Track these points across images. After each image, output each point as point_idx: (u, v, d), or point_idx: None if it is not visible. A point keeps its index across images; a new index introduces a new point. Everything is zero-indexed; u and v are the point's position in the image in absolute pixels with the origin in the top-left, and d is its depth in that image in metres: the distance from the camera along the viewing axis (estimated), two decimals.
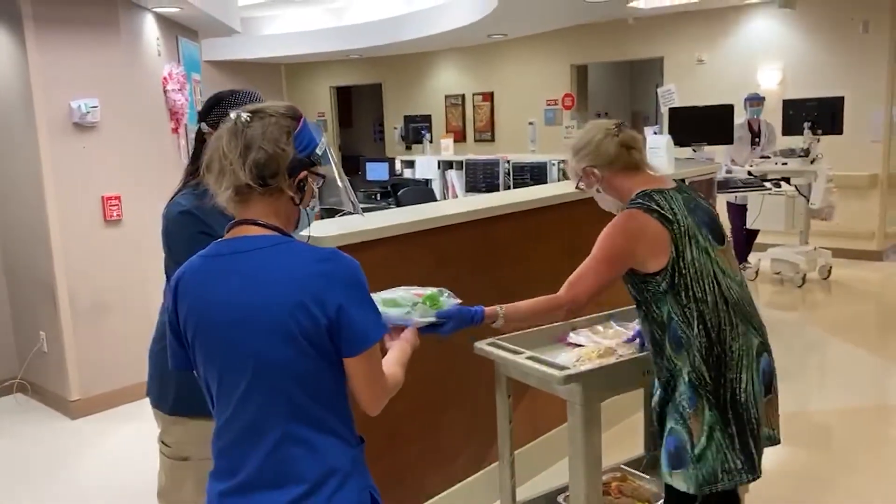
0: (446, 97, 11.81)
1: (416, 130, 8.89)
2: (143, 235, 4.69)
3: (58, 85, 4.32)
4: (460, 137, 11.24)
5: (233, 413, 1.48)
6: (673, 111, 6.59)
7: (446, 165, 7.29)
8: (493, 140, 11.28)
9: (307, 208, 1.56)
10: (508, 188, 6.47)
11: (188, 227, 2.10)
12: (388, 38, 8.82)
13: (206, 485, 2.08)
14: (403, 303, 1.90)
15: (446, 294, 1.97)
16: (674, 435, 2.06)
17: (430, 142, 8.37)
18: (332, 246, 2.46)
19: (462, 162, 7.11)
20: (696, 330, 2.03)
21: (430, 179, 7.52)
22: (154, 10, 5.19)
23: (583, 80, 10.76)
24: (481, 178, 6.86)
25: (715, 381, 2.03)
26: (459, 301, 1.99)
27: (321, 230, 2.55)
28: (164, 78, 5.32)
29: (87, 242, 4.49)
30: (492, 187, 6.71)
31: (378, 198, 7.41)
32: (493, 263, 3.16)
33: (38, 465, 3.90)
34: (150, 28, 5.16)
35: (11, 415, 4.64)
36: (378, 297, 1.81)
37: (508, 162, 6.71)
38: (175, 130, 5.50)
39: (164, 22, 5.48)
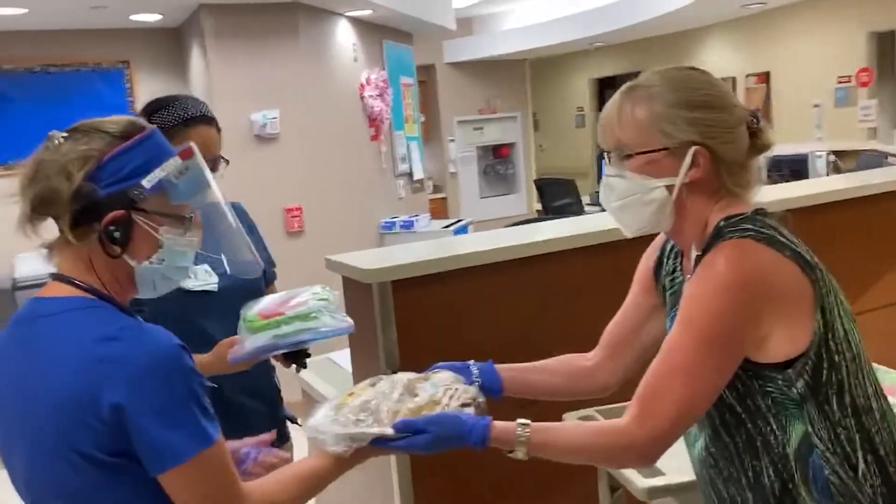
0: None
1: None
2: (326, 246, 4.59)
3: (238, 97, 4.37)
4: None
5: None
6: None
7: None
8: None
9: (146, 262, 1.12)
10: None
11: None
12: (629, 20, 7.96)
13: None
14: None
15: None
16: None
17: None
18: (381, 280, 2.02)
19: None
20: (861, 467, 1.15)
21: None
22: (346, 14, 5.08)
23: (886, 49, 8.84)
24: None
25: None
26: (348, 323, 1.58)
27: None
28: (361, 84, 5.20)
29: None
30: None
31: None
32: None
33: None
34: (344, 33, 5.07)
35: None
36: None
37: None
38: (375, 137, 5.37)
39: (365, 26, 5.37)
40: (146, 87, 4.95)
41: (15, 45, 4.57)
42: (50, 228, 1.12)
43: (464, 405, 1.24)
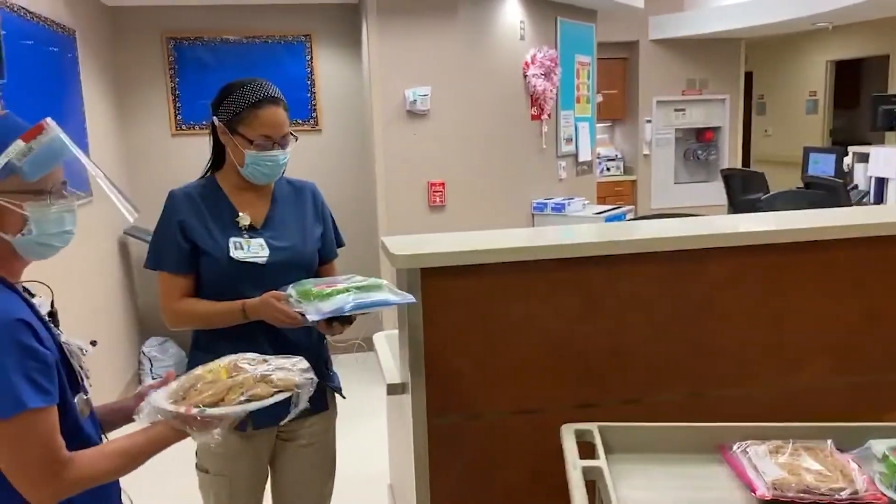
0: None
1: (889, 113, 6.91)
2: (465, 222, 4.69)
3: (394, 73, 4.54)
4: None
5: None
6: None
7: None
8: None
9: (20, 236, 1.27)
10: None
11: (165, 209, 2.01)
12: None
13: (227, 501, 1.96)
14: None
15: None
16: None
17: None
18: (410, 267, 2.06)
19: None
20: None
21: (887, 179, 5.80)
22: None
23: None
24: None
25: None
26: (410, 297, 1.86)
27: (400, 247, 2.13)
28: (526, 62, 5.16)
29: (410, 227, 4.67)
30: None
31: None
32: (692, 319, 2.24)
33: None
34: (513, 11, 5.04)
35: (350, 371, 5.18)
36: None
37: None
38: (537, 116, 5.32)
39: (537, 4, 5.30)
40: (325, 60, 5.32)
41: (215, 18, 5.12)
42: None
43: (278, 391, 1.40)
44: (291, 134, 2.02)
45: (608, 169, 8.58)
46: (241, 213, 2.00)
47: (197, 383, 1.39)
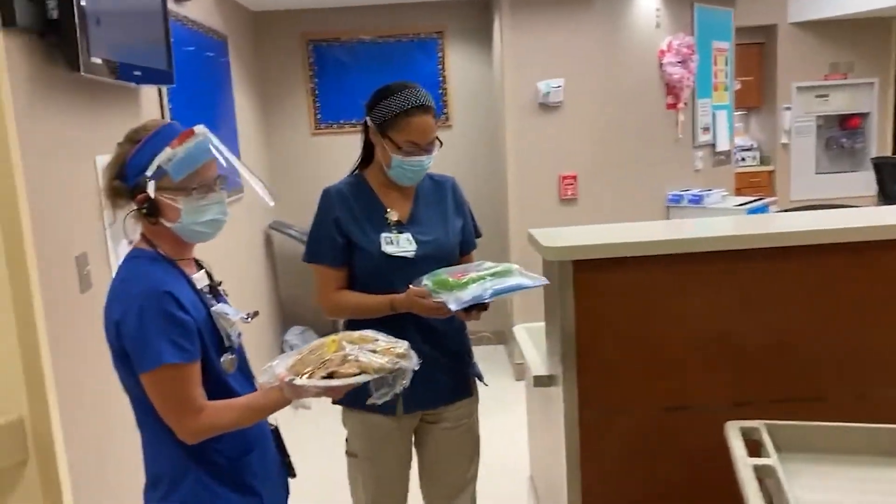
0: None
1: None
2: (598, 215, 4.63)
3: (526, 66, 4.54)
4: None
5: None
6: None
7: None
8: None
9: (176, 224, 1.55)
10: None
11: (321, 206, 2.14)
12: None
13: (375, 486, 2.07)
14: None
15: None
16: None
17: None
18: (562, 259, 2.07)
19: None
20: None
21: None
22: None
23: None
24: None
25: None
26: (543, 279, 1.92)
27: (556, 238, 2.13)
28: (661, 51, 5.03)
29: (541, 220, 4.65)
30: None
31: None
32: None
33: None
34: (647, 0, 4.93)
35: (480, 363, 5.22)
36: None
37: None
38: (673, 106, 5.17)
39: None
40: (456, 56, 5.39)
41: (351, 19, 5.29)
42: None
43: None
44: (437, 139, 2.09)
45: (743, 159, 8.22)
46: (389, 210, 2.10)
47: (308, 354, 1.54)
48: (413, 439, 2.23)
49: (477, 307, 1.94)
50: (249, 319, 1.69)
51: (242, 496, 1.61)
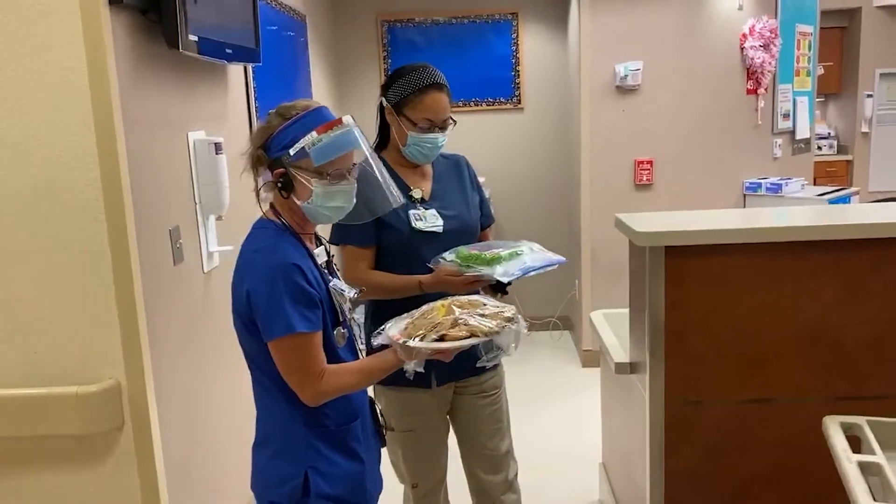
0: None
1: None
2: (674, 202, 4.54)
3: (604, 48, 4.46)
4: None
5: None
6: None
7: None
8: None
9: (306, 203, 1.62)
10: None
11: None
12: None
13: (415, 458, 2.13)
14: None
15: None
16: None
17: None
18: (654, 245, 2.03)
19: None
20: None
21: None
22: None
23: None
24: None
25: None
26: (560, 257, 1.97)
27: (645, 224, 2.09)
28: (743, 34, 4.87)
29: (614, 205, 4.59)
30: None
31: None
32: None
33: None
34: None
35: (546, 349, 5.21)
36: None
37: None
38: (753, 91, 5.01)
39: None
40: (530, 38, 5.32)
41: (425, 0, 5.28)
42: None
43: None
44: (451, 118, 2.14)
45: (819, 148, 7.94)
46: (412, 188, 2.15)
47: (420, 318, 1.60)
48: (447, 410, 2.29)
49: (501, 288, 2.00)
50: (357, 296, 1.75)
51: (349, 460, 1.68)
